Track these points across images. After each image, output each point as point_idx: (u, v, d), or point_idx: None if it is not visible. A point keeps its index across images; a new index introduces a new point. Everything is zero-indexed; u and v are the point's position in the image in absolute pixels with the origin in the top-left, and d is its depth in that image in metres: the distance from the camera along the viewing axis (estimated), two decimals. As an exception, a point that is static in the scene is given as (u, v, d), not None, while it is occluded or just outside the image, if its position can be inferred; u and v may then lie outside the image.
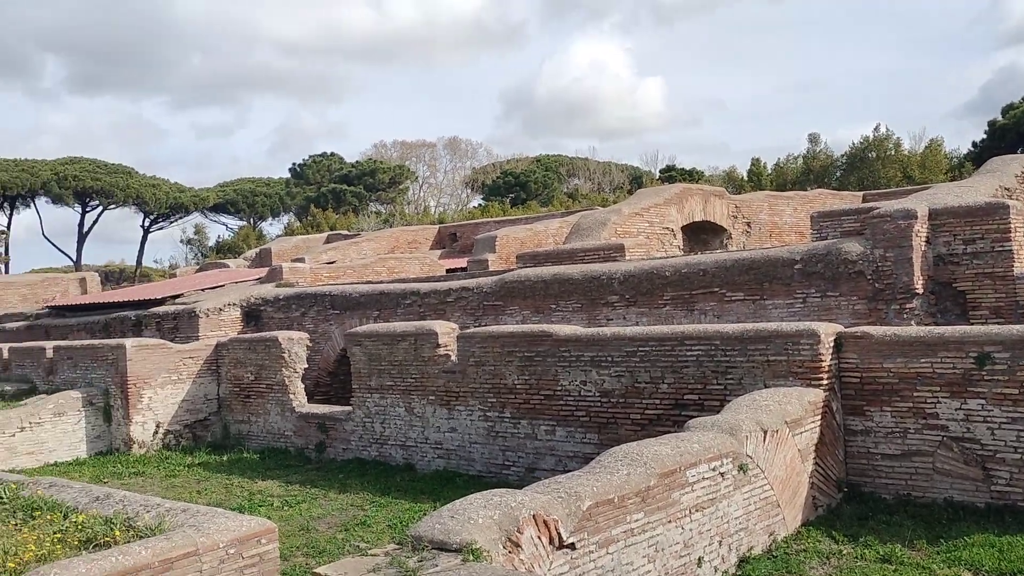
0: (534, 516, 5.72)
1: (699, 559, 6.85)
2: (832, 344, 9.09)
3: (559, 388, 11.07)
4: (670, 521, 6.62)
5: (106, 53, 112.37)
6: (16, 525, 7.02)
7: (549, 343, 11.16)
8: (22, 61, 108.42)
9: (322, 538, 9.45)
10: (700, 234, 21.65)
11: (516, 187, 53.92)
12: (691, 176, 47.46)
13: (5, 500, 7.84)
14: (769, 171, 46.95)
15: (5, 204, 59.17)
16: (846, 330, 9.32)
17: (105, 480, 12.99)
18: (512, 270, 15.88)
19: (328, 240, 31.17)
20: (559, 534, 5.79)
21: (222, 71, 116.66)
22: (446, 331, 12.73)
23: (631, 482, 6.39)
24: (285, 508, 10.75)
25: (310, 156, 61.54)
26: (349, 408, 13.83)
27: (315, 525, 10.03)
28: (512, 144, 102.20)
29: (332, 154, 61.16)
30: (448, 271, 22.46)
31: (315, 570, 5.33)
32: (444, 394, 12.40)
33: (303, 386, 15.15)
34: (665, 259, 14.04)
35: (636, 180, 53.54)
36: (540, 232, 22.86)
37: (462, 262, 23.67)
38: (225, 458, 14.49)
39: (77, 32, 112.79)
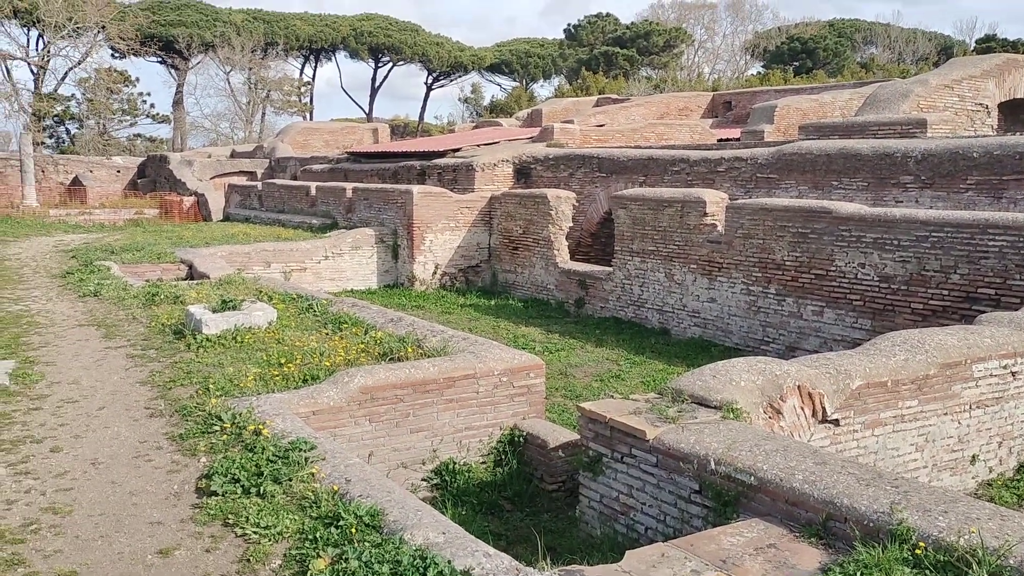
0: (799, 387, 5.64)
1: (973, 456, 6.43)
2: None
3: (832, 269, 10.54)
4: (946, 413, 6.23)
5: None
6: (328, 334, 8.18)
7: (827, 220, 10.56)
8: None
9: (579, 384, 10.03)
10: (1020, 114, 18.85)
11: (802, 54, 49.87)
12: (1015, 48, 40.94)
13: (318, 313, 9.12)
14: (1122, 44, 39.25)
15: (311, 57, 65.21)
16: None
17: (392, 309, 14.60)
18: (792, 141, 14.96)
19: (597, 104, 31.11)
20: (823, 408, 5.69)
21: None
22: (715, 200, 12.48)
23: (908, 368, 6.05)
24: (546, 353, 11.44)
25: (585, 17, 60.78)
26: (610, 269, 14.20)
27: (573, 372, 10.64)
28: (802, 6, 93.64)
29: (607, 15, 59.89)
30: (719, 141, 21.62)
31: (580, 404, 5.70)
32: (707, 264, 12.30)
33: (567, 244, 15.73)
34: (974, 138, 12.47)
35: (945, 51, 47.35)
36: (827, 104, 21.11)
37: (735, 132, 22.64)
38: (493, 303, 15.62)
39: None
